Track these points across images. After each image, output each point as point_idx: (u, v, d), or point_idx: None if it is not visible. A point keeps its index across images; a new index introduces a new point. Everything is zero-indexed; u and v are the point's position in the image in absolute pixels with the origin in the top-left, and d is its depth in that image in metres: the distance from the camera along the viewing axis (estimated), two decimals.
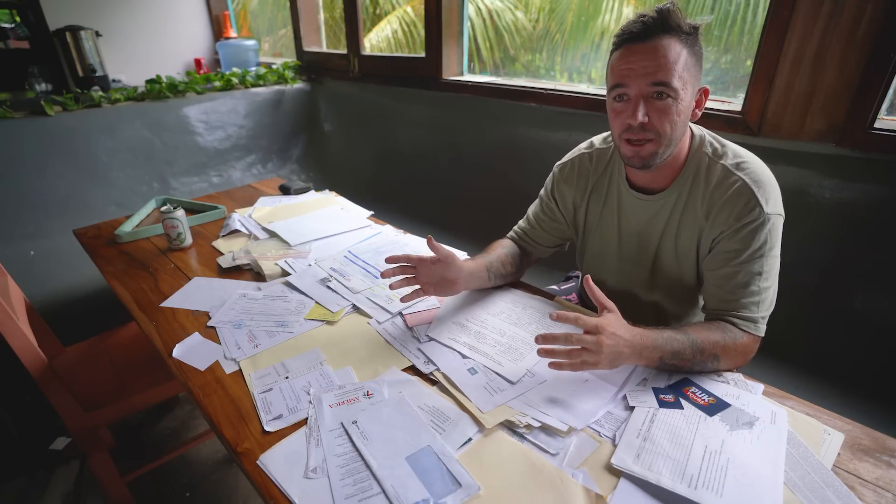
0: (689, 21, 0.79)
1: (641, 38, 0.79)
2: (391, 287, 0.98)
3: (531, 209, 1.16)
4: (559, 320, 0.77)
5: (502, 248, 1.10)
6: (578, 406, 0.75)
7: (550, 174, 1.11)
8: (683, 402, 0.75)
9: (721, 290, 0.87)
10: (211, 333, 0.97)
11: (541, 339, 0.77)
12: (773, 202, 0.83)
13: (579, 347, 0.75)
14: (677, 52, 0.78)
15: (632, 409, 0.75)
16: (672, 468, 0.64)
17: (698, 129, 0.92)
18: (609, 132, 1.04)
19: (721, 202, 0.85)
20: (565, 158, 1.08)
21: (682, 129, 0.84)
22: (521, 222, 1.18)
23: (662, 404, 0.75)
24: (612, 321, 0.77)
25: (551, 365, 0.77)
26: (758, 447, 0.67)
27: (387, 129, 2.54)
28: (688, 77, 0.80)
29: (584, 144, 1.07)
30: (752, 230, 0.82)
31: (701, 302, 1.01)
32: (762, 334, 0.84)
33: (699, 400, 0.75)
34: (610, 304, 0.81)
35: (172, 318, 1.02)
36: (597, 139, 1.06)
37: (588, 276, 0.84)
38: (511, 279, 1.10)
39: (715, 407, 0.74)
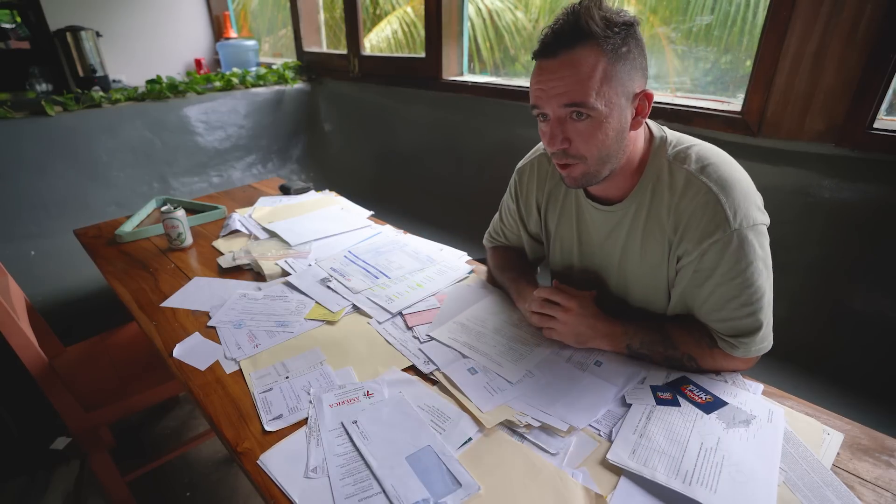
0: (611, 17, 0.68)
1: (550, 52, 0.70)
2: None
3: (499, 220, 1.12)
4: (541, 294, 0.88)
5: (519, 258, 1.08)
6: (579, 406, 0.75)
7: (512, 178, 1.05)
8: (681, 399, 0.75)
9: (699, 312, 0.81)
10: (211, 333, 0.97)
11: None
12: (742, 212, 0.72)
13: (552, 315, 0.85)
14: (591, 63, 0.68)
15: (629, 406, 0.75)
16: (667, 464, 0.64)
17: (658, 130, 0.82)
18: None
19: (688, 214, 0.76)
20: (524, 160, 1.02)
21: (616, 146, 0.75)
22: (493, 233, 1.15)
23: (659, 402, 0.75)
24: (581, 304, 0.85)
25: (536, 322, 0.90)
26: (753, 445, 0.67)
27: (387, 129, 2.54)
28: (611, 89, 0.70)
29: (542, 143, 0.96)
30: (720, 249, 0.73)
31: None
32: (745, 356, 0.79)
33: (696, 398, 0.76)
34: (582, 293, 0.87)
35: (173, 318, 1.02)
36: None
37: (555, 280, 0.91)
38: None
39: (712, 405, 0.74)
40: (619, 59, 0.69)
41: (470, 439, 0.70)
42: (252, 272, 1.21)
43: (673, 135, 0.82)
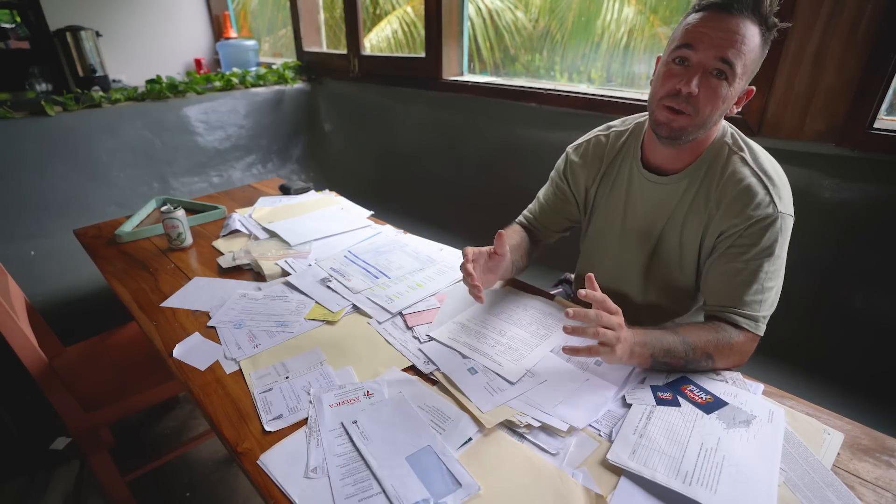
0: (775, 18, 0.76)
1: (729, 8, 0.75)
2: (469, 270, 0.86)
3: (541, 192, 1.15)
4: (576, 318, 0.74)
5: (519, 239, 1.08)
6: (579, 405, 0.75)
7: (563, 156, 1.09)
8: (681, 399, 0.75)
9: (726, 287, 0.85)
10: (211, 333, 0.97)
11: (572, 312, 0.74)
12: (785, 201, 0.82)
13: (597, 342, 0.74)
14: (754, 40, 0.76)
15: (629, 406, 0.75)
16: (667, 465, 0.64)
17: (724, 123, 0.90)
18: (626, 118, 1.04)
19: (733, 194, 0.83)
20: (580, 140, 1.07)
21: (719, 117, 0.82)
22: (531, 206, 1.17)
23: (660, 402, 0.75)
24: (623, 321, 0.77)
25: (566, 349, 0.76)
26: (754, 445, 0.67)
27: (387, 129, 2.54)
28: (748, 69, 0.78)
29: (600, 127, 1.06)
30: (763, 227, 0.81)
31: (698, 301, 1.01)
32: (762, 333, 0.84)
33: (696, 398, 0.76)
34: (614, 306, 0.77)
35: (172, 318, 1.02)
36: (615, 122, 1.04)
37: (591, 275, 0.79)
38: (523, 270, 1.09)
39: (712, 405, 0.74)
40: (763, 53, 0.79)
41: (470, 439, 0.70)
42: (252, 272, 1.21)
43: (733, 129, 0.91)
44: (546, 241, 1.16)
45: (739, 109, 0.84)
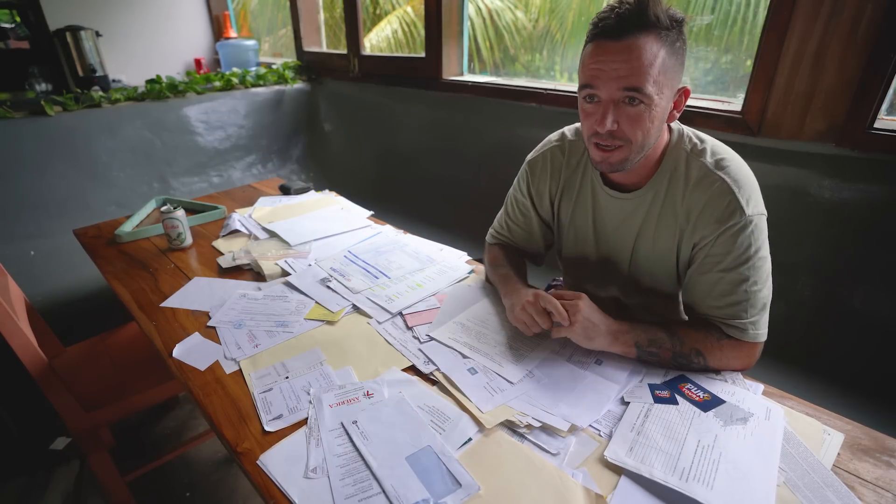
0: (671, 12, 0.71)
1: (614, 34, 0.71)
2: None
3: (504, 215, 1.11)
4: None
5: (515, 257, 1.07)
6: (580, 405, 0.75)
7: (521, 170, 1.05)
8: (678, 397, 0.75)
9: (707, 297, 0.83)
10: (211, 333, 0.97)
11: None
12: (753, 202, 0.78)
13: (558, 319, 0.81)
14: (654, 52, 0.70)
15: (627, 404, 0.75)
16: (664, 461, 0.64)
17: (676, 125, 0.86)
18: (578, 125, 0.98)
19: (702, 203, 0.80)
20: (535, 153, 1.02)
21: (655, 135, 0.79)
22: (497, 228, 1.14)
23: (657, 399, 0.75)
24: (586, 299, 0.83)
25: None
26: (751, 442, 0.67)
27: (387, 129, 2.54)
28: (664, 80, 0.73)
29: (554, 136, 1.00)
30: (734, 234, 0.77)
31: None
32: (755, 340, 0.81)
33: (694, 396, 0.76)
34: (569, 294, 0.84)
35: (172, 318, 1.02)
36: (568, 130, 0.99)
37: (552, 290, 0.85)
38: None
39: (710, 403, 0.74)
40: (675, 52, 0.73)
41: (470, 439, 0.70)
42: (252, 272, 1.21)
43: (688, 129, 0.87)
44: (537, 263, 1.14)
45: (679, 113, 0.80)
